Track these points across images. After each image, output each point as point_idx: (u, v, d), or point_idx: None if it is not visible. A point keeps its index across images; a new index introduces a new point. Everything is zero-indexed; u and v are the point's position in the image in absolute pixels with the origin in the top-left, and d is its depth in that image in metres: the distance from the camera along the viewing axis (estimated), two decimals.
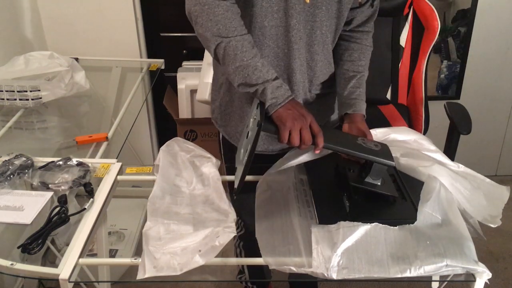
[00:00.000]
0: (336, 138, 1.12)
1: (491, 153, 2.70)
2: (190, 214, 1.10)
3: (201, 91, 1.96)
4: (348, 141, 1.12)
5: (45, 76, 1.73)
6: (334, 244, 0.96)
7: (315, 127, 1.06)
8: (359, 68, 1.29)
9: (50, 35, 2.21)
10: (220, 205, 1.12)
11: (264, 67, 1.09)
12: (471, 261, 0.94)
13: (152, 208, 1.09)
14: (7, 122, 1.62)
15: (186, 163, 1.24)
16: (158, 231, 1.02)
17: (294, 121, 1.04)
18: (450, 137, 1.71)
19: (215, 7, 1.08)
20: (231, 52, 1.08)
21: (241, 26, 1.10)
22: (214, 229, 1.01)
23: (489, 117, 2.58)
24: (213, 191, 1.17)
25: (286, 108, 1.06)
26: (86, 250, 1.03)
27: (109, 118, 1.80)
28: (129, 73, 2.16)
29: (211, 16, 1.08)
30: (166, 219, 1.06)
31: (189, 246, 0.97)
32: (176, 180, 1.20)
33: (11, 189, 1.18)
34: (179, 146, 1.28)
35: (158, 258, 0.94)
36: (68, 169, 1.25)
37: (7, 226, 1.10)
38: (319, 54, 1.24)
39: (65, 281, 0.94)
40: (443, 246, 0.96)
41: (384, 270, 0.93)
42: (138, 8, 2.21)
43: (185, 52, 2.32)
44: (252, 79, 1.08)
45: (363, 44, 1.31)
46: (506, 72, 2.47)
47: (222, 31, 1.08)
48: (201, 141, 2.15)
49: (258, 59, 1.09)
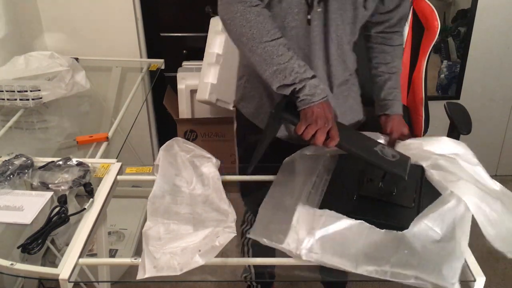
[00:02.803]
0: (354, 141, 1.14)
1: (491, 153, 2.70)
2: (190, 214, 1.10)
3: (201, 91, 1.96)
4: (364, 146, 1.14)
5: (46, 76, 1.73)
6: (313, 228, 0.98)
7: (333, 132, 1.10)
8: (392, 69, 1.36)
9: (50, 35, 2.21)
10: (220, 205, 1.12)
11: (301, 67, 1.12)
12: (447, 282, 0.91)
13: (152, 208, 1.09)
14: (7, 122, 1.62)
15: (186, 163, 1.24)
16: (158, 231, 1.02)
17: (316, 119, 1.10)
18: (450, 137, 1.70)
19: (247, 13, 1.10)
20: (267, 56, 1.11)
21: (274, 29, 1.12)
22: (214, 229, 1.01)
23: (489, 117, 2.58)
24: (213, 191, 1.17)
25: (316, 107, 1.11)
26: (86, 250, 1.03)
27: (109, 118, 1.81)
28: (129, 73, 2.16)
29: (244, 22, 1.11)
30: (166, 219, 1.06)
31: (189, 246, 0.97)
32: (176, 180, 1.20)
33: (11, 189, 1.18)
34: (179, 146, 1.28)
35: (158, 258, 0.95)
36: (68, 169, 1.25)
37: (7, 226, 1.10)
38: (333, 54, 1.26)
39: (65, 281, 0.94)
40: (420, 258, 0.94)
41: (352, 265, 0.94)
42: (138, 8, 2.21)
43: (185, 52, 2.32)
44: (289, 80, 1.11)
45: (395, 45, 1.36)
46: (506, 72, 2.47)
47: (256, 36, 1.11)
48: (201, 141, 2.15)
49: (295, 61, 1.12)
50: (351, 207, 1.08)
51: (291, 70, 1.11)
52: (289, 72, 1.11)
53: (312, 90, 1.11)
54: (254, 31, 1.11)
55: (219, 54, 1.94)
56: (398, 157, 1.11)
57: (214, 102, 1.95)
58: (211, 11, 2.20)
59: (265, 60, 1.12)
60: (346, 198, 1.11)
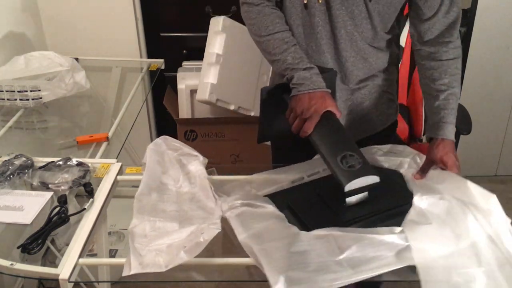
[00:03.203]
0: (326, 140, 1.12)
1: (491, 153, 2.70)
2: (176, 211, 1.11)
3: (201, 91, 1.96)
4: (331, 147, 1.11)
5: (46, 76, 1.73)
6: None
7: (308, 124, 1.13)
8: (441, 87, 1.22)
9: (50, 35, 2.21)
10: (207, 203, 1.13)
11: (295, 59, 1.19)
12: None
13: (139, 206, 1.10)
14: (7, 122, 1.62)
15: (173, 161, 1.25)
16: (144, 228, 1.03)
17: (297, 108, 1.15)
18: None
19: (250, 12, 1.25)
20: (267, 49, 1.24)
21: (273, 24, 1.22)
22: (199, 226, 1.02)
23: (489, 117, 2.58)
24: (199, 189, 1.18)
25: (302, 96, 1.15)
26: (86, 250, 1.03)
27: (109, 118, 1.81)
28: (129, 73, 2.16)
29: (249, 20, 1.26)
30: (152, 216, 1.07)
31: (174, 243, 0.98)
32: (163, 178, 1.21)
33: (11, 189, 1.18)
34: (166, 145, 1.29)
35: (144, 255, 0.96)
36: (68, 169, 1.25)
37: (7, 226, 1.10)
38: (347, 51, 1.25)
39: (65, 281, 0.94)
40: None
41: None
42: (138, 8, 2.21)
43: (185, 52, 2.32)
44: (281, 69, 1.21)
45: (444, 59, 1.22)
46: (506, 72, 2.47)
47: (257, 32, 1.24)
48: (201, 141, 2.15)
49: (288, 53, 1.20)
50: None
51: (284, 61, 1.20)
52: (282, 63, 1.20)
53: (300, 81, 1.16)
54: (255, 28, 1.24)
55: (219, 54, 1.94)
56: (357, 167, 1.07)
57: (214, 102, 1.95)
58: (211, 11, 2.21)
59: (265, 51, 1.25)
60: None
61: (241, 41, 1.97)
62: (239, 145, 2.16)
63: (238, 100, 2.01)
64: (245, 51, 1.98)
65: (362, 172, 1.06)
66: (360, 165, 1.07)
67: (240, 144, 2.16)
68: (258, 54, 1.35)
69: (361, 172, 1.06)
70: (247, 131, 2.09)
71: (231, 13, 2.19)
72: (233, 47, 1.96)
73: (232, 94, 2.00)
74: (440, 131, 1.19)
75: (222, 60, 1.94)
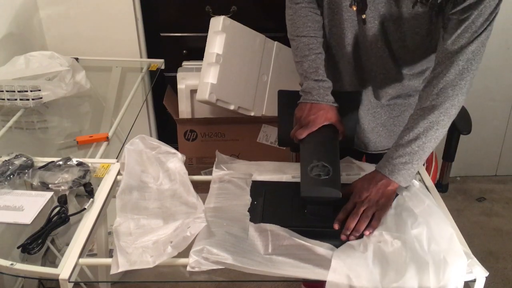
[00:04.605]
0: (310, 149, 1.16)
1: (491, 153, 2.69)
2: (159, 208, 1.12)
3: (201, 91, 1.95)
4: (308, 156, 1.14)
5: (46, 76, 1.73)
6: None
7: (299, 131, 1.18)
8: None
9: (50, 35, 2.20)
10: (188, 199, 1.14)
11: (311, 68, 1.22)
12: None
13: (121, 204, 1.11)
14: (7, 122, 1.62)
15: (151, 160, 1.26)
16: (128, 226, 1.04)
17: (300, 116, 1.21)
18: (450, 137, 1.71)
19: (289, 9, 1.28)
20: (293, 49, 1.27)
21: (304, 27, 1.24)
22: (185, 221, 1.04)
23: (489, 117, 2.58)
24: (180, 186, 1.19)
25: (304, 105, 1.21)
26: (86, 250, 1.03)
27: (109, 118, 1.80)
28: (129, 73, 2.16)
29: (287, 17, 1.29)
30: (136, 214, 1.08)
31: (160, 239, 1.00)
32: (143, 177, 1.22)
33: (11, 189, 1.19)
34: (144, 144, 1.29)
35: (131, 253, 0.97)
36: (68, 169, 1.25)
37: (7, 226, 1.10)
38: (372, 63, 1.26)
39: (65, 281, 0.94)
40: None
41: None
42: (138, 8, 2.21)
43: (185, 52, 2.32)
44: (298, 74, 1.27)
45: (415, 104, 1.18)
46: (506, 72, 2.47)
47: (289, 30, 1.28)
48: (201, 141, 2.15)
49: (307, 60, 1.23)
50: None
51: (301, 66, 1.24)
52: (300, 67, 1.25)
53: (307, 90, 1.21)
54: (288, 26, 1.28)
55: (219, 54, 1.94)
56: (322, 177, 1.07)
57: (214, 102, 1.95)
58: (211, 11, 2.20)
59: (292, 50, 1.29)
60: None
61: (241, 41, 1.97)
62: (239, 145, 2.16)
63: (238, 100, 2.01)
64: (245, 51, 1.98)
65: (324, 183, 1.07)
66: (326, 177, 1.07)
67: (240, 144, 2.15)
68: (258, 54, 1.36)
69: (323, 183, 1.07)
70: (247, 131, 2.09)
71: (231, 13, 2.19)
72: (233, 47, 1.96)
73: (232, 94, 1.99)
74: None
75: (222, 60, 1.94)
